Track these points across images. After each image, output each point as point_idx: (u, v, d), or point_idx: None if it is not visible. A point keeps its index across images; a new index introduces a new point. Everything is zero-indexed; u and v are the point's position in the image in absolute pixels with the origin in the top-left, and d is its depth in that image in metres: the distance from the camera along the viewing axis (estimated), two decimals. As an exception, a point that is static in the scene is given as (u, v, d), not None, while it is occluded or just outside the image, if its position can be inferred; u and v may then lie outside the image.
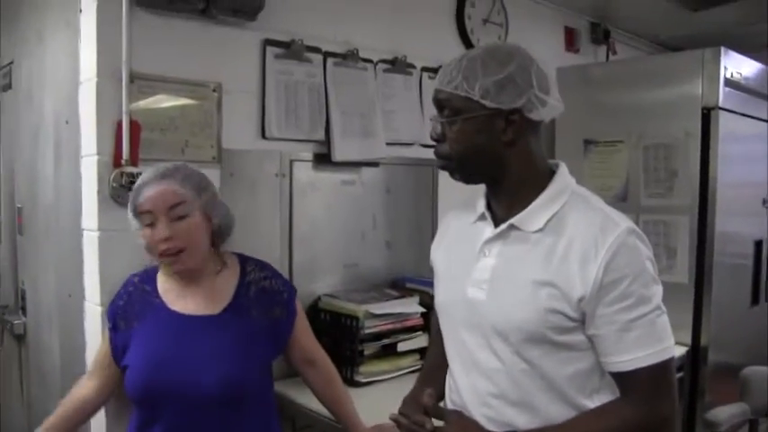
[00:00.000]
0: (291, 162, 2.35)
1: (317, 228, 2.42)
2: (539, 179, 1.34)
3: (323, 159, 2.42)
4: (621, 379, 1.26)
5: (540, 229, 1.29)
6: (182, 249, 1.60)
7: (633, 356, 1.22)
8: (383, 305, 2.27)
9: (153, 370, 1.61)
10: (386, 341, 2.27)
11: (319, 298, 2.36)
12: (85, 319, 2.10)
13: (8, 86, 2.85)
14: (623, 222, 1.26)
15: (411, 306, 2.34)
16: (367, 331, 2.20)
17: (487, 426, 1.33)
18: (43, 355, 2.61)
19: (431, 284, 2.43)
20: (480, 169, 1.35)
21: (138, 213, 1.62)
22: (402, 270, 2.63)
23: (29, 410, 2.90)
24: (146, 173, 1.67)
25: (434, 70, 2.74)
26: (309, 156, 2.40)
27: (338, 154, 2.40)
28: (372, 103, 2.54)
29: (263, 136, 2.30)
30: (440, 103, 1.34)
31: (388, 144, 2.60)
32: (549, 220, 1.29)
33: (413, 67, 2.74)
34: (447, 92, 1.30)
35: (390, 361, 2.29)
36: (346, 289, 2.45)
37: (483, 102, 1.26)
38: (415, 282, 2.51)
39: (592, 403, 1.29)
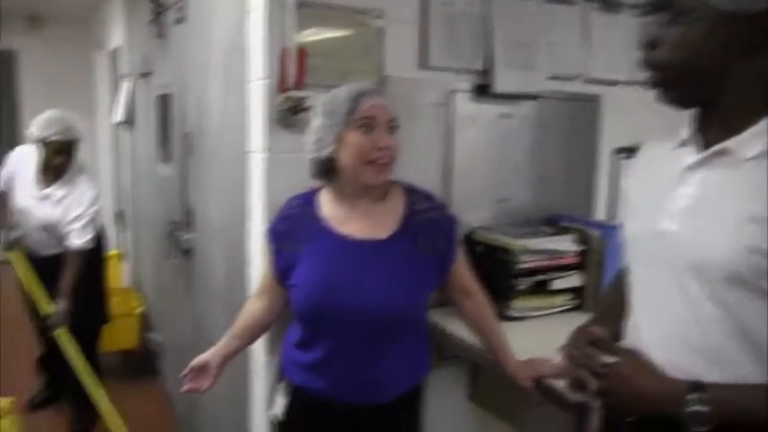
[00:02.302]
0: (450, 93, 2.31)
1: (473, 160, 2.39)
2: (764, 104, 1.14)
3: (481, 91, 2.37)
4: None
5: (755, 157, 1.11)
6: (390, 162, 1.63)
7: None
8: (538, 241, 2.22)
9: (320, 291, 1.65)
10: (540, 277, 2.23)
11: (474, 230, 2.34)
12: (249, 238, 2.20)
13: (182, 20, 2.99)
14: None
15: (566, 244, 2.28)
16: (521, 266, 2.17)
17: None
18: (208, 270, 2.78)
19: (586, 223, 2.40)
20: (699, 85, 1.16)
21: (355, 119, 1.61)
22: (556, 208, 2.56)
23: (194, 321, 3.12)
24: (350, 86, 1.68)
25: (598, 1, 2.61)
26: (468, 86, 2.36)
27: (499, 85, 2.35)
28: (535, 34, 2.45)
29: (423, 65, 2.27)
30: (661, 2, 1.16)
31: (548, 78, 2.50)
32: None
33: (577, -4, 2.60)
34: None
35: (543, 298, 2.25)
36: (499, 223, 2.42)
37: (718, 2, 1.09)
38: (569, 220, 2.44)
39: None
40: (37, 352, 3.85)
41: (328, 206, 1.74)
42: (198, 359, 1.88)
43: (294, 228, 1.75)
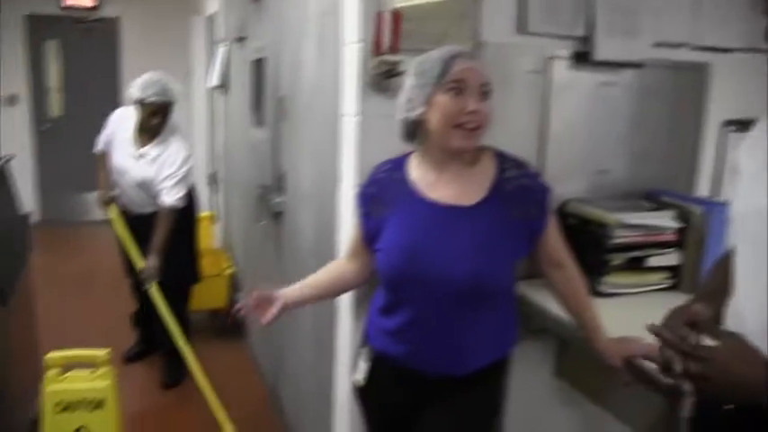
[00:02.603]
0: (549, 59, 2.24)
1: (570, 130, 2.31)
2: None
3: (581, 58, 2.28)
4: None
5: None
6: (479, 126, 1.60)
7: None
8: (635, 216, 2.13)
9: (406, 256, 1.64)
10: (635, 254, 2.14)
11: (567, 202, 2.27)
12: (339, 201, 2.21)
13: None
14: None
15: (665, 220, 2.18)
16: (616, 241, 2.09)
17: None
18: (297, 234, 2.81)
19: (688, 199, 2.29)
20: None
21: (446, 81, 1.59)
22: (656, 182, 2.45)
23: (281, 283, 3.17)
24: (444, 48, 1.64)
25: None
26: (567, 53, 2.27)
27: (600, 52, 2.25)
28: (640, -1, 2.33)
29: (521, 30, 2.20)
30: None
31: (653, 45, 2.38)
32: None
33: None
34: None
35: (638, 275, 2.17)
36: (595, 196, 2.34)
37: None
38: (670, 195, 2.33)
39: None
40: (132, 307, 4.02)
41: (417, 171, 1.72)
42: (267, 291, 1.85)
43: (383, 192, 1.74)
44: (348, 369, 2.21)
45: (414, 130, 1.68)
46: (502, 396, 1.85)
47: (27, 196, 6.69)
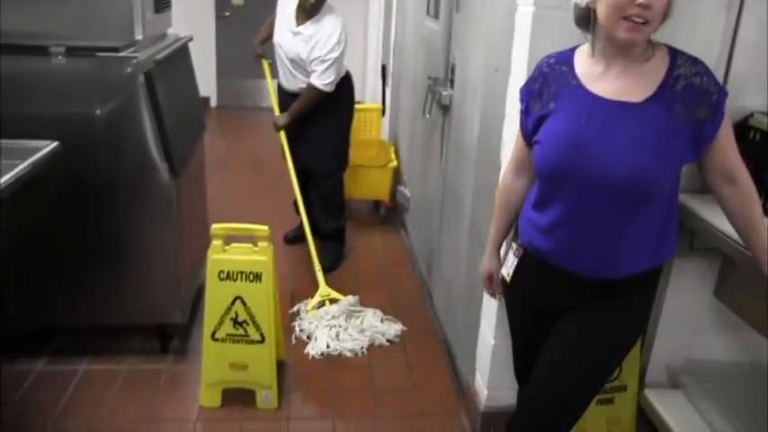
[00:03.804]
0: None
1: (764, 36, 2.06)
2: None
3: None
4: None
5: None
6: (648, 21, 1.49)
7: None
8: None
9: (564, 149, 1.59)
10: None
11: (751, 114, 2.07)
12: (508, 94, 2.15)
13: None
14: None
15: None
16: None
17: None
18: (463, 127, 2.79)
19: None
20: None
21: None
22: None
23: (444, 176, 3.19)
24: None
25: None
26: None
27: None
28: None
29: None
30: None
31: None
32: None
33: None
34: None
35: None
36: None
37: None
38: None
39: None
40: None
41: (584, 64, 1.64)
42: (485, 274, 2.01)
43: (547, 85, 1.68)
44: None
45: (584, 19, 1.60)
46: (649, 307, 1.79)
47: (207, 81, 7.09)
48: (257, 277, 2.54)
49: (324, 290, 3.44)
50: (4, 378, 2.73)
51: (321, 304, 3.35)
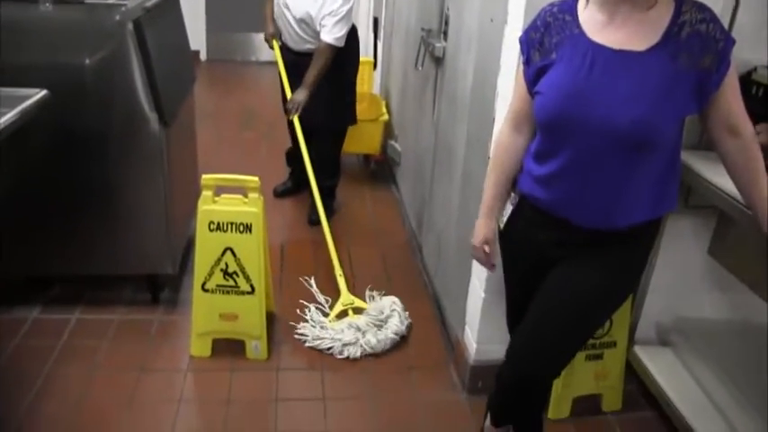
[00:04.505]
0: None
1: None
2: None
3: None
4: None
5: None
6: None
7: None
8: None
9: (564, 99, 1.57)
10: (824, 132, 1.93)
11: (754, 69, 2.06)
12: (504, 45, 2.12)
13: None
14: None
15: None
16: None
17: None
18: (457, 79, 2.76)
19: None
20: None
21: None
22: None
23: (436, 129, 3.17)
24: None
25: None
26: None
27: None
28: None
29: None
30: None
31: None
32: None
33: None
34: None
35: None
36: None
37: None
38: None
39: None
40: (287, 146, 4.19)
41: (587, 13, 1.61)
42: (480, 241, 1.91)
43: (548, 35, 1.64)
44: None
45: None
46: (645, 259, 1.79)
47: (196, 34, 6.96)
48: (247, 228, 2.54)
49: (346, 298, 3.05)
50: (1, 325, 2.77)
51: (344, 314, 2.99)
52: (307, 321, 2.93)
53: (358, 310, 3.01)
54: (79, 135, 2.62)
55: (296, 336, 2.85)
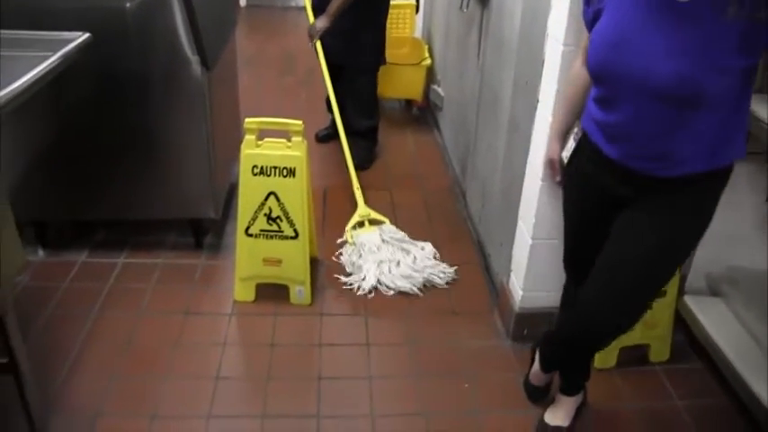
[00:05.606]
0: None
1: None
2: None
3: None
4: None
5: None
6: None
7: None
8: None
9: (606, 49, 1.54)
10: None
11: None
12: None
13: None
14: None
15: None
16: None
17: None
18: (503, 21, 2.67)
19: None
20: None
21: None
22: None
23: (481, 73, 3.09)
24: None
25: None
26: None
27: None
28: None
29: None
30: None
31: None
32: None
33: None
34: None
35: None
36: None
37: None
38: None
39: None
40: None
41: None
42: (546, 158, 2.04)
43: None
44: (541, 169, 2.16)
45: None
46: (716, 202, 1.69)
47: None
48: (291, 172, 2.52)
49: (363, 210, 3.18)
50: (51, 268, 2.84)
51: (360, 224, 3.14)
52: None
53: (374, 222, 3.14)
54: (121, 79, 2.60)
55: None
